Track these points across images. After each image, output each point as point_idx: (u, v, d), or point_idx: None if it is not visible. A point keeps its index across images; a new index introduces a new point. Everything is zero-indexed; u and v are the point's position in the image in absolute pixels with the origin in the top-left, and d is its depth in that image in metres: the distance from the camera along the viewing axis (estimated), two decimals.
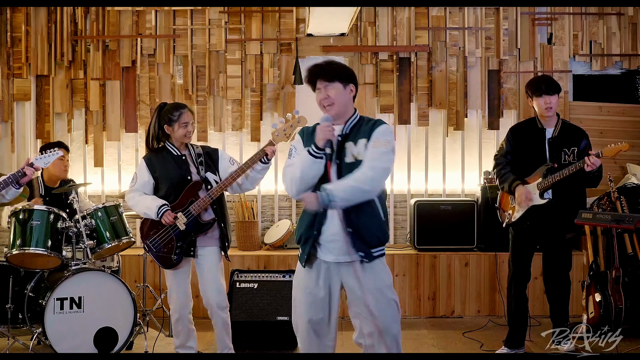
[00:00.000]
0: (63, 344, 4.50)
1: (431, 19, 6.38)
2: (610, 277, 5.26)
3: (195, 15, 6.35)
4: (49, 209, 4.71)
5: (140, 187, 4.33)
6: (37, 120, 6.38)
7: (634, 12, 6.36)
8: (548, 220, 4.70)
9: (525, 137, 4.80)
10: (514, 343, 4.86)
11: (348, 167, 3.16)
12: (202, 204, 4.22)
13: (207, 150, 4.46)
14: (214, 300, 4.31)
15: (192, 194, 4.26)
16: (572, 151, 4.69)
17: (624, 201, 5.40)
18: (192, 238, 4.27)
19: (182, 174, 4.29)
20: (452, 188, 6.52)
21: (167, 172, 4.30)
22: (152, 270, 5.86)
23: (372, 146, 3.14)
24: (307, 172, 3.12)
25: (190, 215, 4.22)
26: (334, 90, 3.18)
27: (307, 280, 3.27)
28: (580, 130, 4.80)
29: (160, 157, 4.34)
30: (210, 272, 4.31)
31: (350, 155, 3.19)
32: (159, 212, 4.19)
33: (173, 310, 4.37)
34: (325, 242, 3.21)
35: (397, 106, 6.39)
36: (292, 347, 5.00)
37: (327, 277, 3.25)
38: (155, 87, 6.37)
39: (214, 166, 4.40)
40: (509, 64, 6.43)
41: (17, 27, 6.27)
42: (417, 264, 5.99)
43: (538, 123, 4.78)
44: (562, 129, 4.75)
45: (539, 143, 4.74)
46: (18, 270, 4.81)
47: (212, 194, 4.23)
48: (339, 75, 3.21)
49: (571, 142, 4.71)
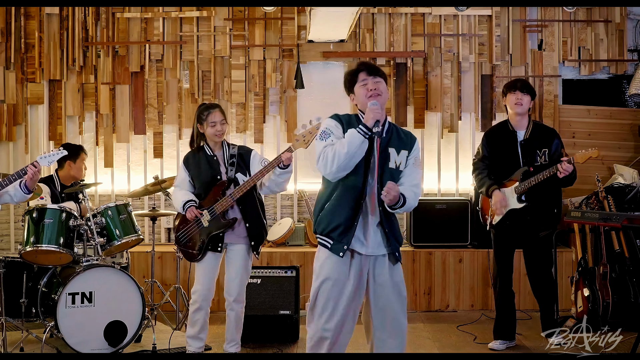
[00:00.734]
0: (74, 336, 4.50)
1: (427, 26, 6.38)
2: (598, 272, 5.27)
3: (201, 23, 6.34)
4: (61, 207, 4.71)
5: (179, 184, 4.46)
6: (49, 123, 6.38)
7: (621, 19, 6.36)
8: (523, 221, 4.68)
9: (498, 141, 4.78)
10: (504, 336, 4.86)
11: (390, 171, 3.24)
12: (225, 203, 4.24)
13: (242, 151, 4.46)
14: (233, 293, 4.34)
15: (217, 193, 4.30)
16: (544, 152, 4.67)
17: (611, 200, 5.40)
18: (219, 235, 4.29)
19: (213, 174, 4.34)
20: (447, 188, 6.52)
21: (199, 172, 4.37)
22: (159, 266, 5.87)
23: (414, 165, 3.32)
24: (355, 150, 3.10)
25: (214, 213, 4.25)
26: (379, 84, 3.26)
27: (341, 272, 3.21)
28: (552, 131, 4.78)
29: (196, 157, 4.41)
30: (235, 267, 4.34)
31: (394, 162, 3.26)
32: (185, 208, 4.30)
33: (194, 300, 4.37)
34: (361, 235, 3.21)
35: (395, 109, 6.39)
36: (293, 340, 4.99)
37: (357, 269, 3.22)
38: (162, 91, 6.37)
39: (246, 167, 4.40)
40: (501, 69, 6.43)
41: (30, 33, 6.26)
42: (413, 260, 5.98)
43: (510, 126, 4.76)
44: (534, 130, 4.72)
45: (511, 146, 4.72)
46: (31, 266, 4.81)
47: (234, 195, 4.24)
48: (382, 73, 3.32)
49: (543, 144, 4.68)
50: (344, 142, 3.11)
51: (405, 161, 3.30)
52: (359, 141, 3.10)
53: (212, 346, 4.85)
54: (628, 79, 6.41)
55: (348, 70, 3.37)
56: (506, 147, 4.73)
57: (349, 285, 3.20)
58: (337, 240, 3.20)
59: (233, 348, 4.43)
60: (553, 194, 4.70)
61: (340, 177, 3.18)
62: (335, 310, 3.20)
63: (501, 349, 4.80)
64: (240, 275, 4.34)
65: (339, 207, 3.21)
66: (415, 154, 3.33)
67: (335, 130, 3.24)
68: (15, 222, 6.31)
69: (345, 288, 3.20)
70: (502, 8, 6.34)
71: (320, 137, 3.25)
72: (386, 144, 3.25)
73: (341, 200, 3.21)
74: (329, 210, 3.23)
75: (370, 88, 3.23)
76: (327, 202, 3.25)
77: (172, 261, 5.83)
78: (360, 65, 3.33)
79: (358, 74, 3.29)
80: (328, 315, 3.20)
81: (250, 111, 6.38)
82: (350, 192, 3.19)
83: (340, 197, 3.21)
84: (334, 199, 3.23)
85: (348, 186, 3.20)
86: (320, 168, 3.18)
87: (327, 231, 3.23)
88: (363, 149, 3.12)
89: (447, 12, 6.32)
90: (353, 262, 3.22)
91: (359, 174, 3.19)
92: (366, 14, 6.31)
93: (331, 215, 3.22)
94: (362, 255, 3.22)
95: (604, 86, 6.45)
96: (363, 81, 3.26)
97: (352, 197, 3.19)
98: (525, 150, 4.67)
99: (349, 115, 3.34)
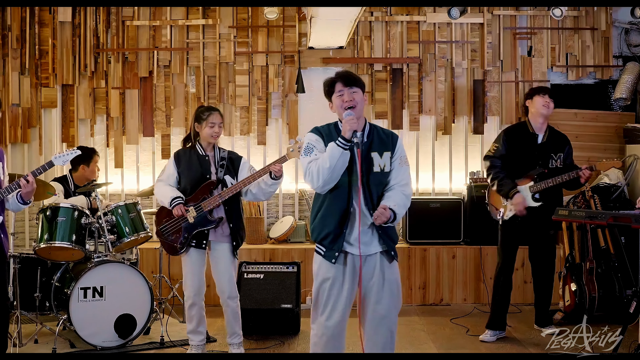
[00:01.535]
0: (86, 329, 4.51)
1: (421, 33, 6.37)
2: (585, 268, 5.26)
3: (207, 30, 6.34)
4: (74, 206, 4.71)
5: (165, 179, 4.39)
6: (62, 126, 6.37)
7: (607, 27, 6.36)
8: (535, 219, 4.69)
9: (518, 140, 4.77)
10: (496, 326, 4.86)
11: (375, 176, 3.21)
12: (212, 202, 4.22)
13: (232, 156, 4.46)
14: (225, 291, 4.33)
15: (205, 191, 4.27)
16: (559, 156, 4.69)
17: (597, 199, 5.40)
18: (202, 232, 4.27)
19: (203, 172, 4.32)
20: (441, 187, 6.50)
21: (189, 169, 4.33)
22: (167, 262, 5.85)
23: (399, 165, 3.27)
24: (337, 163, 3.08)
25: (200, 210, 4.22)
26: (356, 94, 3.20)
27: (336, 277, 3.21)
28: (565, 137, 4.80)
29: (187, 154, 4.38)
30: (222, 265, 4.32)
31: (378, 165, 3.22)
32: (172, 204, 4.23)
33: (187, 297, 4.36)
34: (354, 238, 3.19)
35: (391, 113, 6.38)
36: (294, 332, 4.99)
37: (351, 268, 3.22)
38: (170, 95, 6.36)
39: (234, 171, 4.39)
40: (493, 75, 6.42)
41: (44, 40, 6.26)
42: (408, 256, 5.97)
43: (530, 128, 4.76)
44: (550, 135, 4.75)
45: (530, 147, 4.72)
46: (45, 262, 4.81)
47: (222, 195, 4.23)
48: (359, 82, 3.25)
49: (558, 148, 4.70)
50: (326, 156, 3.10)
51: (390, 163, 3.25)
52: (339, 154, 3.07)
53: (216, 338, 4.85)
54: (613, 84, 6.40)
55: (326, 80, 3.30)
56: (525, 148, 4.73)
57: (346, 284, 3.22)
58: (328, 248, 3.22)
59: (236, 339, 4.43)
60: (559, 194, 4.72)
61: (329, 189, 3.17)
62: (335, 308, 3.21)
63: (492, 340, 4.81)
64: (229, 273, 4.33)
65: (328, 217, 3.21)
66: (399, 154, 3.28)
67: (317, 144, 3.22)
68: (29, 220, 6.31)
69: (342, 286, 3.21)
70: (494, 16, 6.35)
71: (304, 153, 3.23)
72: (368, 149, 3.22)
73: (329, 210, 3.21)
74: (320, 219, 3.25)
75: (345, 100, 3.18)
76: (319, 212, 3.26)
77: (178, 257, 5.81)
78: (337, 75, 3.26)
79: (335, 84, 3.23)
80: (329, 312, 3.22)
81: (254, 114, 6.37)
82: (337, 202, 3.19)
83: (328, 207, 3.21)
84: (323, 208, 3.23)
85: (334, 196, 3.20)
86: (308, 183, 3.19)
87: (319, 239, 3.25)
88: (345, 160, 3.10)
89: (441, 20, 6.31)
90: (347, 262, 3.23)
91: (343, 183, 3.17)
92: (364, 22, 6.30)
93: (321, 225, 3.24)
94: (355, 255, 3.21)
95: (591, 91, 6.44)
96: (339, 92, 3.21)
97: (338, 207, 3.19)
98: (542, 153, 4.69)
99: (328, 126, 3.30)
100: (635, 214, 3.73)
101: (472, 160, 6.44)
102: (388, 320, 3.24)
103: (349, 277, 3.22)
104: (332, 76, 3.27)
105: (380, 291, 3.22)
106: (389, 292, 3.23)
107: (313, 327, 3.29)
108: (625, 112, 6.34)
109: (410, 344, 4.76)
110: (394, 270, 3.27)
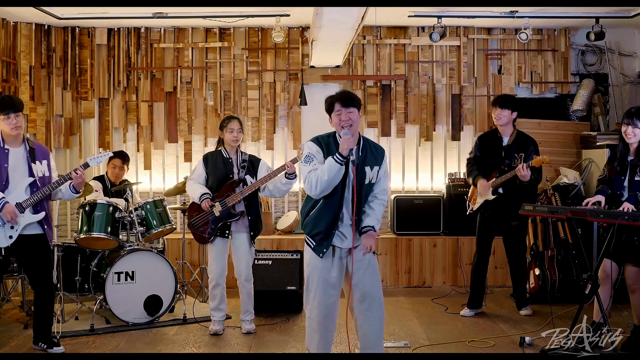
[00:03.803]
0: (119, 307, 4.52)
1: (407, 54, 6.37)
2: (547, 255, 5.27)
3: (223, 52, 6.34)
4: (109, 202, 4.72)
5: (195, 177, 4.41)
6: (99, 134, 6.38)
7: (566, 49, 6.36)
8: (499, 211, 4.71)
9: (488, 144, 4.81)
10: (474, 305, 4.88)
11: (366, 187, 3.22)
12: (235, 198, 4.24)
13: (252, 158, 4.47)
14: (243, 274, 4.36)
15: (229, 189, 4.29)
16: (520, 156, 4.69)
17: (557, 196, 5.41)
18: (226, 223, 4.29)
19: (227, 173, 4.34)
20: (424, 186, 6.50)
21: (215, 169, 4.36)
22: (189, 250, 5.87)
23: (384, 176, 3.29)
24: (334, 177, 3.06)
25: (225, 205, 4.24)
26: (352, 114, 3.16)
27: (324, 266, 3.21)
28: (530, 139, 4.78)
29: (214, 157, 4.40)
30: (242, 252, 4.34)
31: (368, 178, 3.21)
32: (201, 198, 4.26)
33: (211, 279, 4.37)
34: (340, 235, 3.20)
35: (380, 122, 6.39)
36: (298, 310, 5.00)
37: (338, 258, 3.23)
38: (191, 107, 6.37)
39: (254, 171, 4.40)
40: (468, 90, 6.43)
41: (83, 60, 6.27)
42: (396, 245, 5.98)
43: (498, 133, 4.78)
44: (517, 138, 4.74)
45: (497, 149, 4.75)
46: (84, 250, 4.82)
47: (243, 192, 4.25)
48: (355, 102, 3.20)
49: (521, 149, 4.70)
50: (324, 169, 3.06)
51: (377, 175, 3.25)
52: (336, 169, 3.05)
53: (231, 315, 4.85)
54: (571, 98, 6.41)
55: (327, 98, 3.26)
56: (493, 149, 4.76)
57: (333, 272, 3.22)
58: (318, 244, 3.21)
59: (248, 317, 4.45)
60: (526, 191, 4.70)
61: (324, 195, 3.15)
62: (325, 292, 3.20)
63: (470, 315, 4.84)
64: (247, 259, 4.35)
65: (320, 218, 3.19)
66: (384, 168, 3.28)
67: (317, 155, 3.18)
68: (71, 214, 6.32)
69: (329, 274, 3.21)
70: (469, 39, 6.35)
71: (304, 161, 3.18)
72: (362, 163, 3.20)
73: (322, 213, 3.18)
74: (313, 218, 3.22)
75: (342, 119, 3.15)
76: (312, 210, 3.22)
77: (199, 246, 5.83)
78: (336, 95, 3.22)
79: (334, 103, 3.19)
80: (320, 296, 3.21)
81: (263, 124, 6.38)
82: (330, 207, 3.17)
83: (321, 210, 3.19)
84: (316, 209, 3.20)
85: (328, 201, 3.17)
86: (306, 190, 3.16)
87: (310, 235, 3.24)
88: (340, 174, 3.08)
89: (423, 42, 6.32)
90: (335, 254, 3.23)
91: (337, 191, 3.15)
92: (357, 44, 6.31)
93: (314, 223, 3.21)
94: (341, 248, 3.22)
95: (552, 103, 6.45)
96: (337, 111, 3.17)
97: (331, 211, 3.17)
98: (507, 153, 4.71)
99: (327, 137, 3.25)
100: (590, 209, 3.74)
101: (450, 163, 6.44)
102: (378, 297, 3.24)
103: (337, 266, 3.22)
104: (333, 95, 3.23)
105: (366, 275, 3.22)
106: (371, 275, 3.23)
107: (307, 310, 3.28)
108: (581, 121, 6.35)
109: (397, 320, 4.77)
110: (373, 257, 3.28)
